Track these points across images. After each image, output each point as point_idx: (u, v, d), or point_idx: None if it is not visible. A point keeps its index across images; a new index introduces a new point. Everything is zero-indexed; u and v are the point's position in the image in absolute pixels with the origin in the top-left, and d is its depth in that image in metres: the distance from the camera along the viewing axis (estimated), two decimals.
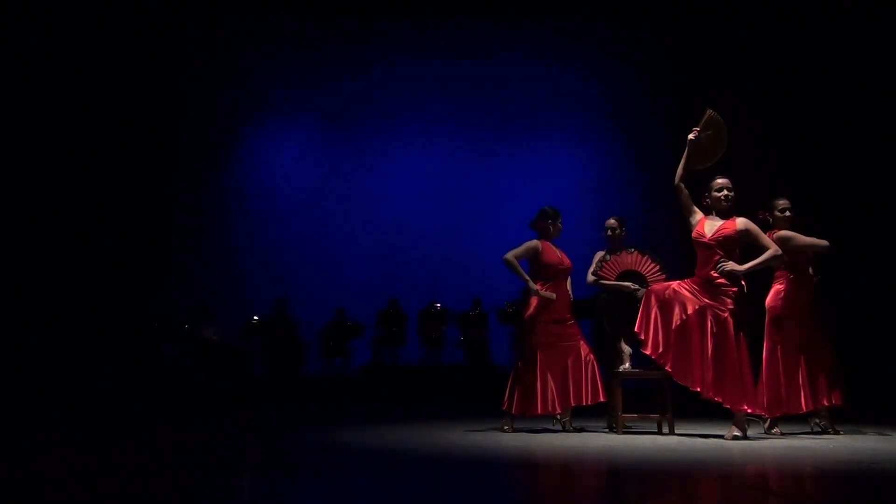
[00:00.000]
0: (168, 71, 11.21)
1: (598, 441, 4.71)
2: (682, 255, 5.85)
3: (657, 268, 5.30)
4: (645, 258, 5.34)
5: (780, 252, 4.76)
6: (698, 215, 4.89)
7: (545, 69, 11.67)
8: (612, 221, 5.63)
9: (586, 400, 5.14)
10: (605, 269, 5.38)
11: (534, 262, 5.32)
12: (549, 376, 5.15)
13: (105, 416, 6.78)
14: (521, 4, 11.36)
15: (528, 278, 5.24)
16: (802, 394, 4.98)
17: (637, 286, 5.28)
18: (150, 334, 9.90)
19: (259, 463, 3.96)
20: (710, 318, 4.67)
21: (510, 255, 5.24)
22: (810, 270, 5.17)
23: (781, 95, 9.94)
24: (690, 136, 4.92)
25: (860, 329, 8.15)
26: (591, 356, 5.24)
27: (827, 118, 9.56)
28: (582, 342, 5.27)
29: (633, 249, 5.40)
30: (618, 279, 5.34)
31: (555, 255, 5.32)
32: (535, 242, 5.33)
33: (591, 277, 5.49)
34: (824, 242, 5.06)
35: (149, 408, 7.79)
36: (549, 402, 5.13)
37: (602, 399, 5.17)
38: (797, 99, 9.81)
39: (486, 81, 11.67)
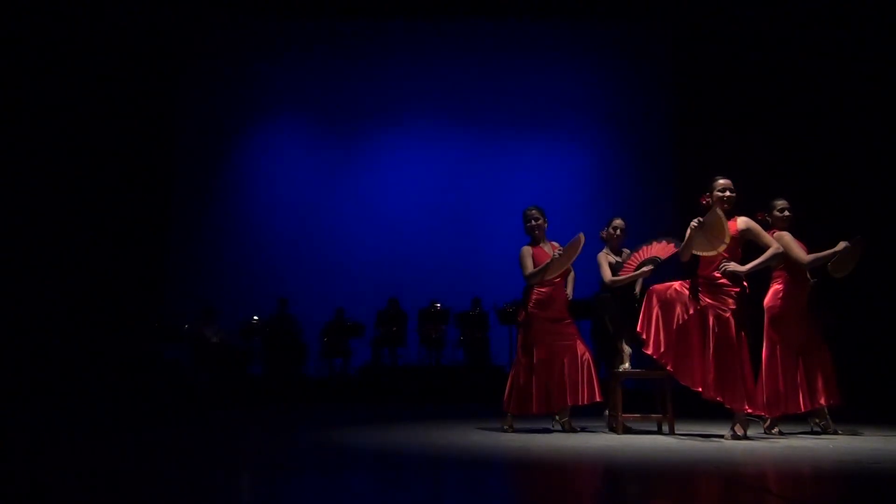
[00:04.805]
0: (168, 71, 11.22)
1: (598, 441, 4.71)
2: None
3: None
4: (671, 244, 5.24)
5: (780, 250, 4.78)
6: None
7: (545, 69, 11.67)
8: (620, 221, 5.62)
9: (582, 399, 5.13)
10: (630, 263, 5.34)
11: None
12: (545, 376, 5.15)
13: (105, 416, 6.78)
14: (520, 5, 11.36)
15: (541, 269, 5.21)
16: (801, 393, 4.98)
17: (655, 263, 5.25)
18: (150, 334, 9.90)
19: (259, 463, 3.96)
20: (711, 318, 4.67)
21: (527, 273, 5.23)
22: (808, 272, 5.17)
23: (781, 95, 9.94)
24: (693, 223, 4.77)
25: (860, 329, 8.15)
26: (588, 356, 5.23)
27: (827, 118, 9.57)
28: (579, 342, 5.26)
29: (660, 240, 5.33)
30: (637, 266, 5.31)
31: (545, 255, 5.30)
32: (525, 250, 5.33)
33: (610, 279, 5.42)
34: (805, 259, 5.02)
35: (149, 408, 7.79)
36: (545, 402, 5.13)
37: (598, 399, 5.15)
38: (796, 99, 9.82)
39: (487, 82, 11.67)
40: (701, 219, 4.74)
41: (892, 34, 9.02)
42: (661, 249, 5.28)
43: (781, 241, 4.96)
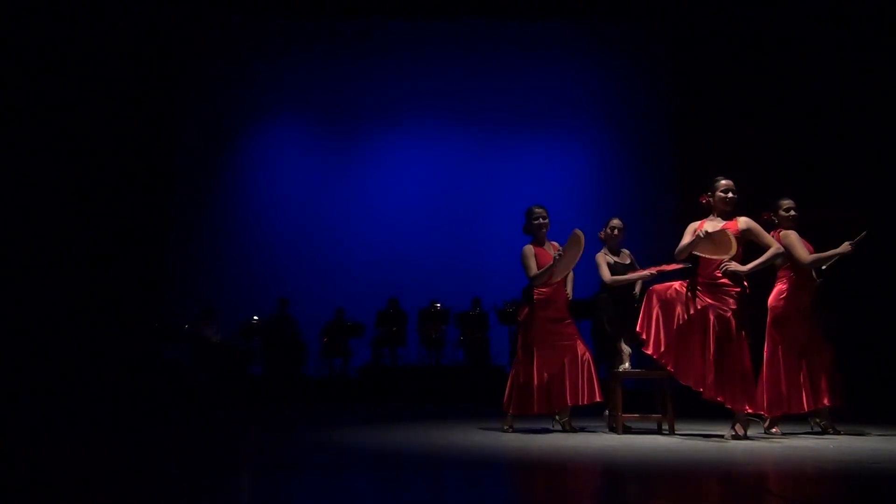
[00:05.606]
0: (168, 71, 11.21)
1: (598, 441, 4.71)
2: None
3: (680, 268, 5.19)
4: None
5: (781, 250, 4.78)
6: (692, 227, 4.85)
7: (545, 69, 11.68)
8: (618, 221, 5.61)
9: (582, 399, 5.12)
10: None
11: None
12: (545, 375, 5.14)
13: (105, 416, 6.77)
14: (520, 5, 11.36)
15: (545, 270, 5.19)
16: (803, 393, 4.98)
17: (655, 272, 5.24)
18: (150, 334, 9.90)
19: (259, 463, 3.96)
20: (712, 318, 4.67)
21: (531, 274, 5.20)
22: (812, 272, 5.16)
23: (781, 95, 9.94)
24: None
25: (861, 329, 8.15)
26: (588, 356, 5.23)
27: (827, 118, 9.56)
28: (579, 342, 5.25)
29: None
30: None
31: (547, 256, 5.29)
32: (528, 249, 5.31)
33: (609, 279, 5.38)
34: (806, 259, 5.01)
35: (149, 408, 7.79)
36: (546, 402, 5.13)
37: (598, 398, 5.15)
38: (796, 99, 9.82)
39: (487, 82, 11.68)
40: (710, 231, 4.72)
41: (893, 34, 9.02)
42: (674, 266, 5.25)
43: (787, 240, 4.96)
